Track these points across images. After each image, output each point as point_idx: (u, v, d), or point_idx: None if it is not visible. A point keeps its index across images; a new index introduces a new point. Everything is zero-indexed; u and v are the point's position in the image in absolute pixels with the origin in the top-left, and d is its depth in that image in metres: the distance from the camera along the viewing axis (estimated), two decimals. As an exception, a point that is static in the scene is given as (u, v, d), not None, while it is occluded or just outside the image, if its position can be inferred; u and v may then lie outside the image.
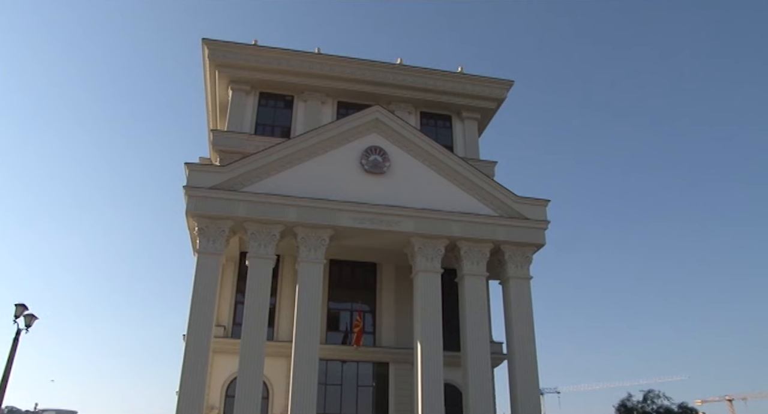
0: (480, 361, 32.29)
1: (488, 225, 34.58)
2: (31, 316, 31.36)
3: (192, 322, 30.02)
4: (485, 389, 32.18)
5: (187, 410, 28.39)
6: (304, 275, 32.13)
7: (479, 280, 34.07)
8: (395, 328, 36.74)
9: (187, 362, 29.30)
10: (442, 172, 35.30)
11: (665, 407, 41.79)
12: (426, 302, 32.66)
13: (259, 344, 30.20)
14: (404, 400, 34.13)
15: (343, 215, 32.92)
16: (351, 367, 36.00)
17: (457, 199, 34.77)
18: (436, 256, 33.65)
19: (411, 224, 33.49)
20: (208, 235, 31.70)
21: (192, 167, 33.07)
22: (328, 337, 35.82)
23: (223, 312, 34.91)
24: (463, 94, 42.27)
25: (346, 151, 34.80)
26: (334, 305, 37.14)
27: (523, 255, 34.83)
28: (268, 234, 32.15)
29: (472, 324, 32.84)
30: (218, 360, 32.83)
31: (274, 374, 33.15)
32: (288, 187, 33.01)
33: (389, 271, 38.23)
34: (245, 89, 40.19)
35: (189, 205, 31.99)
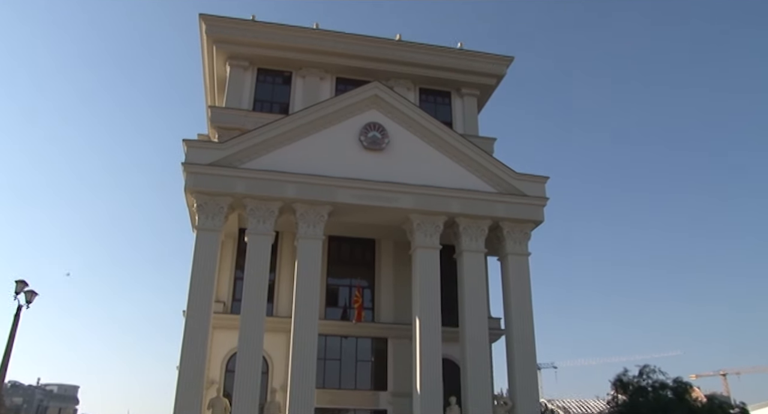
0: (478, 336, 32.57)
1: (487, 201, 34.63)
2: (32, 292, 31.53)
3: (192, 298, 30.20)
4: (483, 364, 32.52)
5: (187, 385, 28.68)
6: (303, 251, 32.25)
7: (478, 256, 34.21)
8: (394, 304, 36.99)
9: (187, 338, 29.52)
10: (441, 148, 35.24)
11: (660, 382, 42.09)
12: (425, 278, 32.83)
13: (259, 320, 30.42)
14: (403, 375, 34.48)
15: (342, 192, 32.93)
16: (350, 342, 36.31)
17: (456, 176, 34.76)
18: (434, 233, 33.74)
19: (410, 200, 33.52)
20: (207, 211, 31.72)
21: (190, 144, 32.99)
22: (327, 312, 36.07)
23: (222, 288, 35.08)
24: (463, 70, 42.00)
25: (344, 127, 34.69)
26: (333, 281, 37.34)
27: (522, 231, 34.93)
28: (266, 210, 32.19)
29: (470, 300, 33.06)
30: (218, 335, 33.06)
31: (274, 349, 33.42)
32: (287, 164, 32.96)
33: (388, 247, 38.37)
34: (243, 65, 39.90)
35: (187, 182, 31.97)
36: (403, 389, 34.19)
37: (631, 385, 42.83)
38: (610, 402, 45.61)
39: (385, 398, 35.27)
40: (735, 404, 47.33)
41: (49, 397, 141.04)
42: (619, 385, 43.52)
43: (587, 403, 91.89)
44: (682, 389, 42.29)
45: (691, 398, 42.87)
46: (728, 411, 43.77)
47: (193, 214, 33.95)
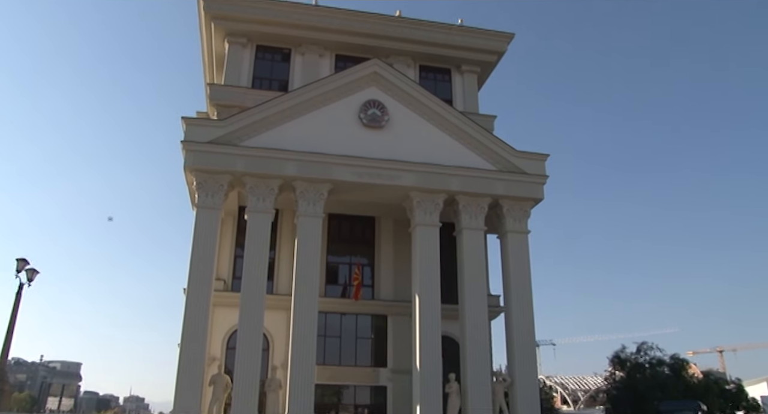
0: (477, 313, 32.75)
1: (487, 179, 34.58)
2: (33, 270, 31.63)
3: (192, 276, 30.29)
4: (482, 341, 32.75)
5: (188, 362, 28.91)
6: (303, 229, 32.28)
7: (477, 234, 34.26)
8: (394, 282, 37.13)
9: (188, 315, 29.68)
10: (441, 126, 35.08)
11: (658, 358, 42.54)
12: (424, 256, 32.92)
13: (259, 297, 30.55)
14: (402, 351, 34.71)
15: (342, 169, 32.86)
16: (350, 319, 36.53)
17: (456, 154, 34.66)
18: (434, 210, 33.74)
19: (410, 178, 33.47)
20: (207, 189, 31.69)
21: (189, 121, 32.83)
22: (327, 290, 36.20)
23: (222, 266, 35.17)
24: (463, 47, 41.63)
25: (344, 104, 34.48)
26: (333, 259, 37.43)
27: (521, 209, 34.93)
28: (266, 188, 32.15)
29: (469, 277, 33.18)
30: (219, 313, 33.22)
31: (274, 327, 33.62)
32: (286, 141, 32.84)
33: (388, 225, 38.41)
34: (242, 42, 39.53)
35: (187, 160, 31.88)
36: (402, 366, 34.47)
37: (628, 361, 43.29)
38: (608, 378, 46.15)
39: (384, 375, 35.58)
40: (731, 380, 47.90)
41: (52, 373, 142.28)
42: (616, 361, 43.99)
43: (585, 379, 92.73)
44: (678, 366, 42.76)
45: (687, 374, 43.38)
46: (724, 387, 44.33)
47: (192, 192, 33.92)
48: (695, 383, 42.05)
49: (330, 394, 35.39)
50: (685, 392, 37.75)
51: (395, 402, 34.59)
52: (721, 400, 42.63)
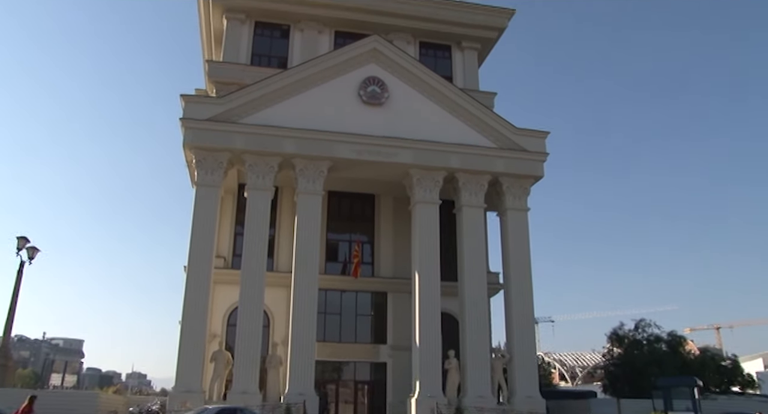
0: (477, 290, 32.92)
1: (487, 157, 34.51)
2: (34, 248, 31.73)
3: (192, 254, 30.39)
4: (481, 318, 32.96)
5: (189, 339, 29.13)
6: (303, 207, 32.29)
7: (477, 211, 34.29)
8: (393, 259, 37.25)
9: (188, 293, 29.83)
10: (441, 103, 34.91)
11: (655, 335, 42.78)
12: (424, 233, 32.98)
13: (259, 275, 30.68)
14: (402, 328, 34.98)
15: (342, 146, 32.78)
16: (350, 296, 36.73)
17: (456, 131, 34.54)
18: (434, 188, 33.73)
19: (409, 155, 33.40)
20: (206, 167, 31.63)
21: (188, 99, 32.65)
22: (327, 267, 36.35)
23: (223, 243, 35.26)
24: (463, 23, 41.21)
25: (344, 81, 34.28)
26: (332, 236, 37.51)
27: (521, 187, 34.92)
28: (266, 166, 32.09)
29: (469, 255, 33.29)
30: (219, 290, 33.39)
31: (275, 304, 33.81)
32: (286, 119, 32.70)
33: (387, 202, 38.43)
34: (240, 18, 39.14)
35: (186, 137, 31.77)
36: (402, 342, 34.75)
37: (626, 338, 43.53)
38: (606, 355, 46.45)
39: (384, 351, 35.88)
40: (727, 357, 48.22)
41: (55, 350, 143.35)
42: (614, 338, 44.22)
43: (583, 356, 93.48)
44: (676, 342, 43.04)
45: (684, 351, 43.68)
46: (720, 363, 44.67)
47: (192, 170, 33.87)
48: (692, 360, 42.37)
49: (330, 371, 35.73)
50: (682, 368, 38.04)
51: (395, 378, 34.93)
52: (717, 376, 43.00)
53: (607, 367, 45.01)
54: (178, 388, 28.49)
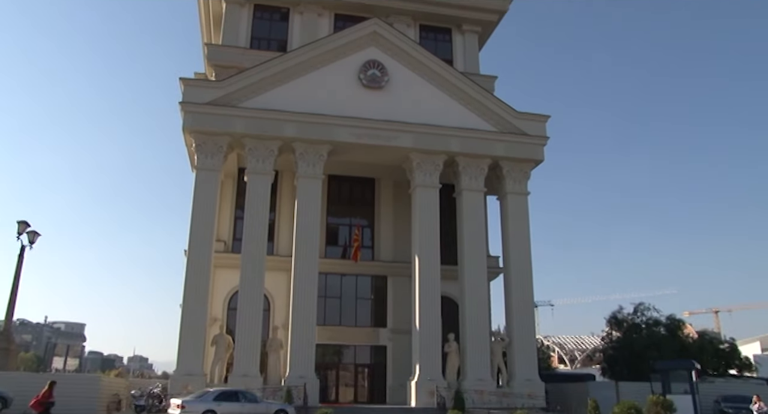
0: (476, 274, 33.00)
1: (487, 140, 34.44)
2: (34, 232, 31.71)
3: (192, 238, 30.43)
4: (481, 302, 33.08)
5: (190, 323, 29.27)
6: (303, 190, 32.27)
7: (477, 195, 34.28)
8: (393, 243, 37.32)
9: (189, 277, 29.91)
10: (441, 86, 34.76)
11: (654, 319, 42.92)
12: (424, 217, 33.00)
13: (260, 259, 30.74)
14: (402, 312, 35.12)
15: (341, 130, 32.69)
16: (350, 280, 36.84)
17: (456, 115, 34.43)
18: (434, 172, 33.69)
19: (409, 139, 33.32)
20: (206, 151, 31.57)
21: (187, 82, 32.51)
22: (327, 251, 36.43)
23: (223, 227, 35.29)
24: (464, 5, 40.85)
25: (343, 65, 34.11)
26: (332, 220, 37.56)
27: (521, 171, 34.88)
28: (266, 149, 32.03)
29: (469, 238, 33.33)
30: (220, 274, 33.48)
31: (275, 288, 33.92)
32: (285, 102, 32.57)
33: (388, 186, 38.42)
34: (239, 1, 38.82)
35: (185, 121, 31.68)
36: (402, 326, 34.91)
37: (625, 322, 43.69)
38: (605, 338, 46.64)
39: (384, 335, 36.07)
40: (725, 340, 48.41)
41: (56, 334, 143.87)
42: (613, 322, 44.39)
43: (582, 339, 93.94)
44: (674, 326, 43.21)
45: (683, 334, 43.86)
46: (718, 346, 44.84)
47: (192, 154, 33.80)
48: (690, 343, 42.56)
49: (330, 354, 35.94)
50: (681, 352, 38.22)
51: (395, 361, 35.15)
52: (715, 360, 43.20)
53: (606, 351, 45.23)
54: (179, 372, 28.68)
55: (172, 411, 23.28)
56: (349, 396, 35.37)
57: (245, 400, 23.91)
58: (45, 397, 16.79)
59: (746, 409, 23.33)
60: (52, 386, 17.33)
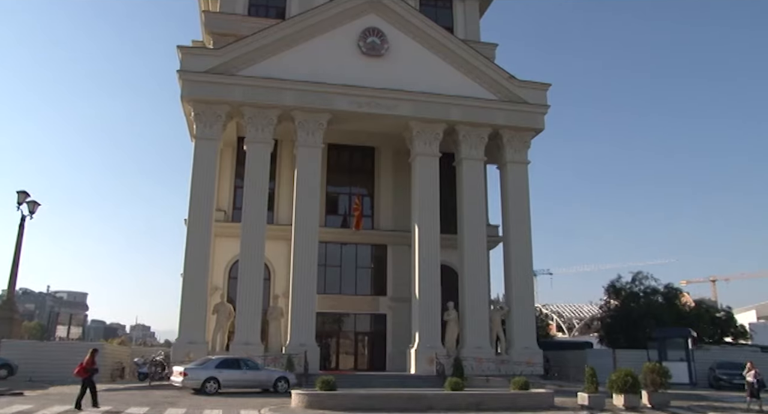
0: (476, 243, 33.13)
1: (487, 109, 34.22)
2: (34, 202, 31.79)
3: (192, 207, 30.45)
4: (480, 270, 33.26)
5: (192, 292, 29.46)
6: (303, 159, 32.20)
7: (477, 164, 34.21)
8: (393, 211, 37.38)
9: (189, 246, 30.02)
10: (441, 54, 34.41)
11: (652, 287, 43.23)
12: (424, 186, 32.99)
13: (260, 228, 30.81)
14: (402, 280, 35.34)
15: (341, 98, 32.46)
16: (350, 249, 37.00)
17: (456, 83, 34.14)
18: (434, 140, 33.57)
19: (409, 108, 33.11)
20: (205, 120, 31.40)
21: (185, 50, 32.17)
22: (327, 220, 36.50)
23: (223, 197, 35.31)
24: (465, -29, 40.15)
25: (343, 32, 33.70)
26: (332, 189, 37.56)
27: (522, 140, 34.74)
28: (265, 118, 31.85)
29: (469, 207, 33.36)
30: (220, 243, 33.58)
31: (275, 256, 34.07)
32: (284, 71, 32.28)
33: (387, 155, 38.32)
34: (237, -33, 38.09)
35: (184, 90, 31.44)
36: (402, 294, 35.16)
37: (623, 290, 43.98)
38: (603, 307, 47.01)
39: (384, 303, 36.36)
40: (721, 308, 48.81)
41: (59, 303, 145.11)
42: (612, 290, 44.68)
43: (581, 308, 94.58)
44: (672, 295, 43.53)
45: (680, 303, 44.19)
46: (714, 314, 45.26)
47: (190, 123, 33.64)
48: (687, 311, 42.90)
49: (331, 322, 36.29)
50: (677, 320, 38.55)
51: (394, 329, 35.49)
52: (711, 328, 43.61)
53: (604, 319, 45.62)
54: (181, 340, 28.98)
55: (174, 378, 23.58)
56: (349, 364, 35.81)
57: (247, 368, 24.18)
58: (89, 364, 17.34)
59: (739, 376, 23.64)
60: (94, 354, 17.89)
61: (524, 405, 19.64)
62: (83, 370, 17.38)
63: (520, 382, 21.33)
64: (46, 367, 26.79)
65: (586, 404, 20.27)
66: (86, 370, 17.33)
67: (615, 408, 20.45)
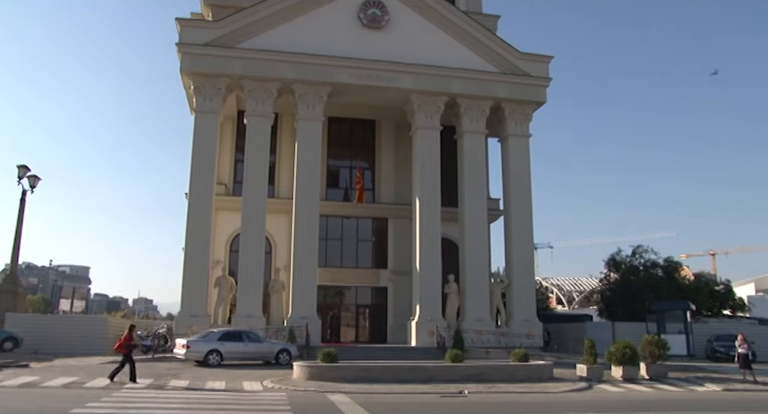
0: (477, 216, 33.18)
1: (489, 82, 33.97)
2: (35, 177, 31.79)
3: (193, 181, 30.47)
4: (481, 243, 33.37)
5: (193, 265, 29.63)
6: (303, 133, 32.09)
7: (478, 137, 34.09)
8: (394, 185, 37.38)
9: (190, 219, 30.09)
10: (442, 26, 34.04)
11: (652, 261, 43.40)
12: (425, 159, 32.93)
13: (261, 201, 30.84)
14: (403, 253, 35.48)
15: (341, 71, 32.21)
16: (351, 222, 37.09)
17: (457, 55, 33.83)
18: (435, 113, 33.40)
19: (410, 80, 32.88)
20: (204, 93, 31.22)
21: (184, 23, 31.87)
22: (328, 193, 36.51)
23: (223, 170, 35.27)
24: (466, -59, 39.46)
25: (343, 4, 33.29)
26: (333, 162, 37.50)
27: (523, 112, 34.56)
28: (265, 91, 31.66)
29: (470, 180, 33.34)
30: (221, 217, 33.64)
31: (276, 230, 34.17)
32: (284, 43, 31.98)
33: (388, 128, 38.18)
34: (235, -63, 37.47)
35: (183, 63, 31.21)
36: (402, 267, 35.33)
37: (623, 264, 44.18)
38: (603, 280, 47.28)
39: (385, 276, 36.56)
40: (720, 282, 49.08)
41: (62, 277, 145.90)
42: (612, 264, 44.87)
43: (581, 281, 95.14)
44: (671, 268, 43.73)
45: (679, 276, 44.44)
46: (713, 288, 45.52)
47: (190, 97, 33.44)
48: (686, 285, 43.16)
49: (332, 295, 36.55)
50: (677, 293, 38.77)
51: (395, 302, 35.75)
52: (710, 300, 43.90)
53: (604, 292, 45.91)
54: (183, 313, 29.23)
55: (177, 351, 23.81)
56: (350, 336, 36.15)
57: (248, 340, 24.40)
58: (127, 340, 17.63)
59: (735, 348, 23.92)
60: (132, 330, 18.23)
61: (524, 376, 19.88)
62: (122, 346, 17.70)
63: (520, 354, 21.56)
64: (50, 340, 27.09)
65: (584, 376, 20.51)
66: (125, 345, 17.63)
67: (613, 379, 20.69)
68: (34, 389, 15.65)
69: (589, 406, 14.87)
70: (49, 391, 15.28)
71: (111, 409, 12.53)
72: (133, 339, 18.12)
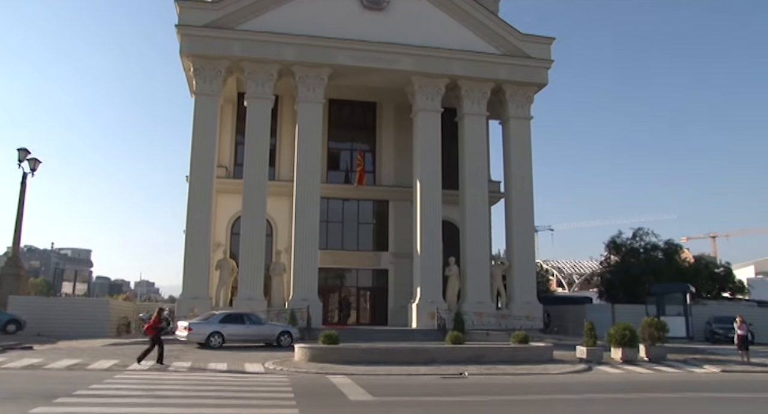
0: (477, 199, 33.19)
1: (490, 63, 33.78)
2: (35, 160, 31.74)
3: (194, 164, 30.45)
4: (482, 226, 33.42)
5: (194, 248, 29.70)
6: (304, 115, 31.98)
7: (479, 119, 33.98)
8: (395, 167, 37.34)
9: (191, 202, 30.11)
10: (443, 7, 33.77)
11: (652, 243, 43.48)
12: (425, 141, 32.84)
13: (261, 184, 30.83)
14: (403, 236, 35.52)
15: (342, 53, 32.02)
16: (352, 204, 37.11)
17: (459, 37, 33.61)
18: (436, 95, 33.26)
19: (411, 62, 32.70)
20: (204, 75, 31.07)
21: (183, 4, 31.60)
22: (329, 176, 36.48)
23: (224, 153, 35.22)
24: None
25: (343, -16, 32.99)
26: (334, 145, 37.44)
27: (525, 95, 34.41)
28: (265, 73, 31.50)
29: (470, 163, 33.30)
30: (222, 200, 33.65)
31: (277, 212, 34.19)
32: (284, 25, 31.75)
33: (389, 110, 38.03)
34: None
35: (182, 45, 31.03)
36: (403, 250, 35.40)
37: (624, 246, 44.25)
38: (603, 262, 47.36)
39: (386, 258, 36.65)
40: (720, 264, 49.15)
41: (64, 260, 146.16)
42: (612, 246, 44.94)
43: (581, 263, 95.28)
44: (672, 251, 43.80)
45: (680, 259, 44.52)
46: (713, 270, 45.61)
47: (190, 79, 33.28)
48: (686, 267, 43.26)
49: (333, 278, 36.68)
50: (677, 276, 38.87)
51: (396, 284, 35.89)
52: (710, 283, 44.04)
53: (604, 275, 46.02)
54: (185, 295, 29.36)
55: (179, 333, 23.92)
56: (351, 318, 36.31)
57: (250, 322, 24.51)
58: (155, 323, 17.82)
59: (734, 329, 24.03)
60: (161, 312, 18.45)
61: (524, 358, 19.99)
62: (150, 328, 17.85)
63: (520, 335, 21.69)
64: (53, 323, 27.22)
65: (584, 357, 20.62)
66: (154, 328, 17.76)
67: (613, 361, 20.81)
68: (38, 371, 15.78)
69: (588, 387, 14.97)
70: (52, 373, 15.39)
71: (115, 390, 12.62)
72: (161, 321, 18.28)
